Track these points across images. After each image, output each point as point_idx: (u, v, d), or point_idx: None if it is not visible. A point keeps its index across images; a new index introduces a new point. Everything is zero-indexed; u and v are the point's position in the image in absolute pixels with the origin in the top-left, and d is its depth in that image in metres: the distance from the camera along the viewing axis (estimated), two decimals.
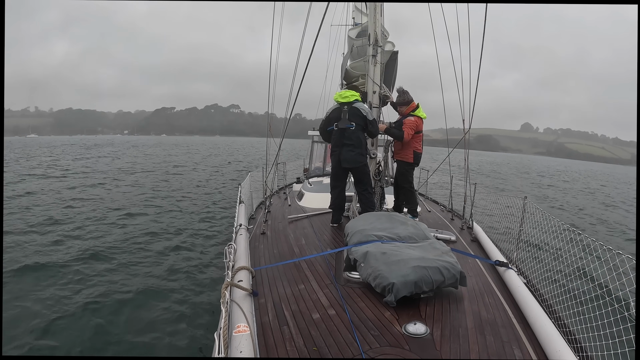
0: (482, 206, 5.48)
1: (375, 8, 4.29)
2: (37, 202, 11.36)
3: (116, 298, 5.07)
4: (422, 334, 2.03)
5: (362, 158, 4.05)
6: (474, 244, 4.02)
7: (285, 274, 2.92)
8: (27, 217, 9.34)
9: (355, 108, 4.00)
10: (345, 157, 4.02)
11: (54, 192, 13.57)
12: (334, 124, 4.10)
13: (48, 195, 12.79)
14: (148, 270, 6.12)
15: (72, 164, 26.21)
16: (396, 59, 5.30)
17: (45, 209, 10.38)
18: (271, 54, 4.97)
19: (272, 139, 5.23)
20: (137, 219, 9.77)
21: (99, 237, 7.92)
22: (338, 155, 4.09)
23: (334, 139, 4.15)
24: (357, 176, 4.18)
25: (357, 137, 3.98)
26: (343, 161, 4.04)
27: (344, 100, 4.04)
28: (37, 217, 9.35)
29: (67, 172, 20.48)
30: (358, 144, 3.99)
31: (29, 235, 7.75)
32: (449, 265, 2.48)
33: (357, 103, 4.04)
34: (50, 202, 11.39)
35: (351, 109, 4.01)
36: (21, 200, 11.56)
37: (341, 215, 4.39)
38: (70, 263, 6.26)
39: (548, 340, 2.04)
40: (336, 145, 4.11)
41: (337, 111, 4.13)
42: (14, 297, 4.90)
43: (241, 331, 1.86)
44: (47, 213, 9.81)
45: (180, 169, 24.45)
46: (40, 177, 17.90)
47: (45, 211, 10.05)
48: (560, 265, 3.23)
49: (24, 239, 7.42)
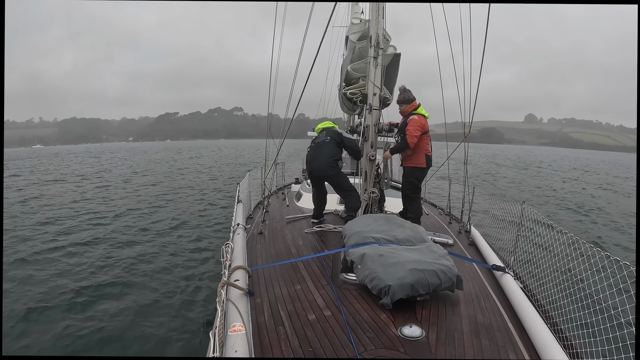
0: (481, 210, 5.47)
1: (378, 9, 4.28)
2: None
3: (111, 296, 5.07)
4: (417, 336, 2.03)
5: (331, 169, 4.34)
6: (471, 247, 4.02)
7: (281, 274, 2.92)
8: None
9: (332, 129, 4.56)
10: (316, 167, 4.39)
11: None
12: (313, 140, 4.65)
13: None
14: (144, 267, 6.11)
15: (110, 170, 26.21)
16: (398, 62, 5.29)
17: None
18: (272, 55, 5.00)
19: (272, 140, 5.24)
20: (153, 216, 9.91)
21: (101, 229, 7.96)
22: (310, 164, 4.47)
23: (309, 153, 4.57)
24: (332, 184, 4.48)
25: (329, 150, 4.37)
26: (314, 170, 4.41)
27: (324, 126, 4.68)
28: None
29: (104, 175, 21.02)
30: (330, 155, 4.34)
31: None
32: (445, 269, 2.48)
33: (335, 128, 4.59)
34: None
35: (328, 129, 4.60)
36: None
37: (321, 211, 4.67)
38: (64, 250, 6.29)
39: (543, 344, 2.04)
40: (311, 157, 4.49)
41: (318, 137, 4.65)
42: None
43: (236, 330, 1.86)
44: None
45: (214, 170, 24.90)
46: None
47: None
48: (557, 272, 3.23)
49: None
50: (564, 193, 17.38)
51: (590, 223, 10.99)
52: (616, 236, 9.52)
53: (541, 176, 26.07)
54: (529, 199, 14.34)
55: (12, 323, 4.26)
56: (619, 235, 9.61)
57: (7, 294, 4.98)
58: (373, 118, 4.57)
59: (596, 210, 13.09)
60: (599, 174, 31.41)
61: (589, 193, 17.82)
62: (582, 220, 11.40)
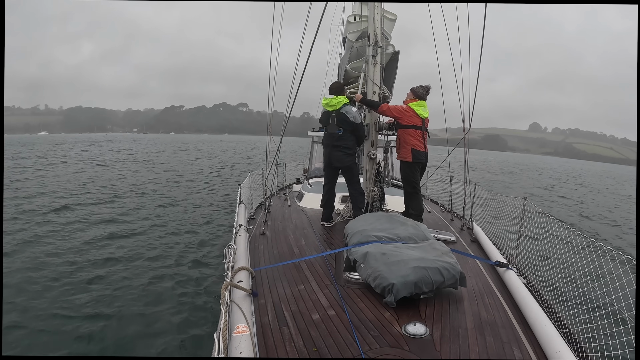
0: (482, 205, 5.47)
1: (375, 8, 4.28)
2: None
3: (113, 297, 5.07)
4: (421, 334, 2.03)
5: (349, 158, 4.29)
6: (473, 244, 4.02)
7: (285, 275, 2.92)
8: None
9: (342, 114, 4.21)
10: (334, 157, 4.30)
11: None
12: (324, 127, 4.43)
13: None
14: (144, 268, 6.11)
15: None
16: (397, 59, 5.30)
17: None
18: (271, 53, 5.00)
19: (272, 138, 5.24)
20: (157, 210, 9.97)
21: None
22: (328, 156, 4.38)
23: (324, 140, 4.46)
24: (346, 176, 4.41)
25: (344, 140, 4.24)
26: (333, 161, 4.33)
27: (331, 109, 4.28)
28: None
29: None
30: (346, 145, 4.25)
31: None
32: (448, 266, 2.48)
33: (344, 107, 4.23)
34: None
35: (338, 114, 4.22)
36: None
37: (331, 213, 4.59)
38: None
39: (548, 340, 2.04)
40: (326, 146, 4.41)
41: (326, 114, 4.39)
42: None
43: (241, 332, 1.86)
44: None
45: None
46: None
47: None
48: (560, 266, 3.23)
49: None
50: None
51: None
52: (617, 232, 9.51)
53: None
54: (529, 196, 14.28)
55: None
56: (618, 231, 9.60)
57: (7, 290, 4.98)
58: (373, 116, 4.58)
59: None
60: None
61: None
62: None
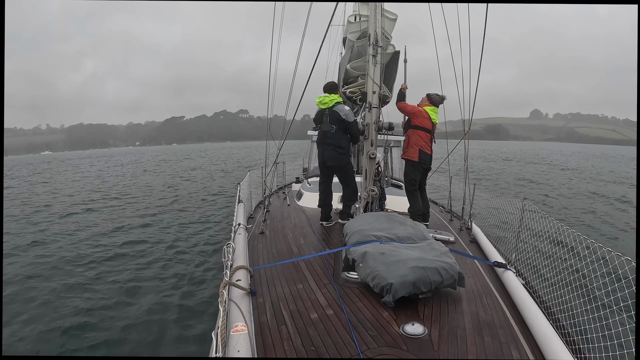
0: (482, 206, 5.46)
1: (376, 8, 4.27)
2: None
3: (111, 295, 5.07)
4: (420, 334, 2.03)
5: (343, 157, 4.32)
6: (472, 244, 4.01)
7: (283, 274, 2.92)
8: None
9: (334, 112, 4.25)
10: (327, 156, 4.32)
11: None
12: (318, 126, 4.45)
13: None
14: (143, 268, 6.12)
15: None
16: (397, 59, 5.28)
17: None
18: (271, 55, 4.98)
19: (273, 138, 5.24)
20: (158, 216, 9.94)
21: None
22: (322, 155, 4.40)
23: (318, 138, 4.50)
24: (339, 175, 4.45)
25: (338, 139, 4.28)
26: (326, 159, 4.35)
27: (324, 107, 4.32)
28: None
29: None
30: (339, 144, 4.28)
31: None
32: (447, 266, 2.48)
33: (337, 106, 4.27)
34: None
35: (331, 112, 4.27)
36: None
37: (330, 212, 4.58)
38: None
39: (546, 341, 2.04)
40: (320, 144, 4.44)
41: (320, 113, 4.43)
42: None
43: (239, 330, 1.85)
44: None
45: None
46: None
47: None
48: (559, 267, 3.23)
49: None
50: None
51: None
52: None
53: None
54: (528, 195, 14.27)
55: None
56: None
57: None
58: (373, 116, 4.57)
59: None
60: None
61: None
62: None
